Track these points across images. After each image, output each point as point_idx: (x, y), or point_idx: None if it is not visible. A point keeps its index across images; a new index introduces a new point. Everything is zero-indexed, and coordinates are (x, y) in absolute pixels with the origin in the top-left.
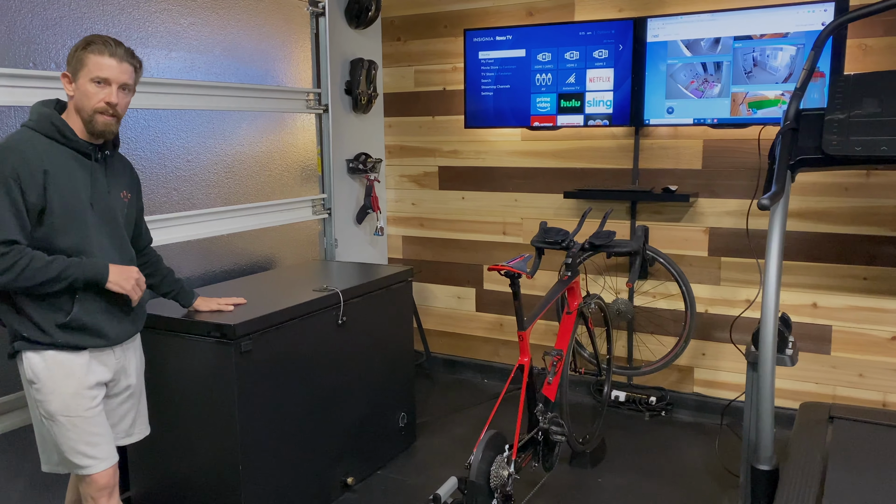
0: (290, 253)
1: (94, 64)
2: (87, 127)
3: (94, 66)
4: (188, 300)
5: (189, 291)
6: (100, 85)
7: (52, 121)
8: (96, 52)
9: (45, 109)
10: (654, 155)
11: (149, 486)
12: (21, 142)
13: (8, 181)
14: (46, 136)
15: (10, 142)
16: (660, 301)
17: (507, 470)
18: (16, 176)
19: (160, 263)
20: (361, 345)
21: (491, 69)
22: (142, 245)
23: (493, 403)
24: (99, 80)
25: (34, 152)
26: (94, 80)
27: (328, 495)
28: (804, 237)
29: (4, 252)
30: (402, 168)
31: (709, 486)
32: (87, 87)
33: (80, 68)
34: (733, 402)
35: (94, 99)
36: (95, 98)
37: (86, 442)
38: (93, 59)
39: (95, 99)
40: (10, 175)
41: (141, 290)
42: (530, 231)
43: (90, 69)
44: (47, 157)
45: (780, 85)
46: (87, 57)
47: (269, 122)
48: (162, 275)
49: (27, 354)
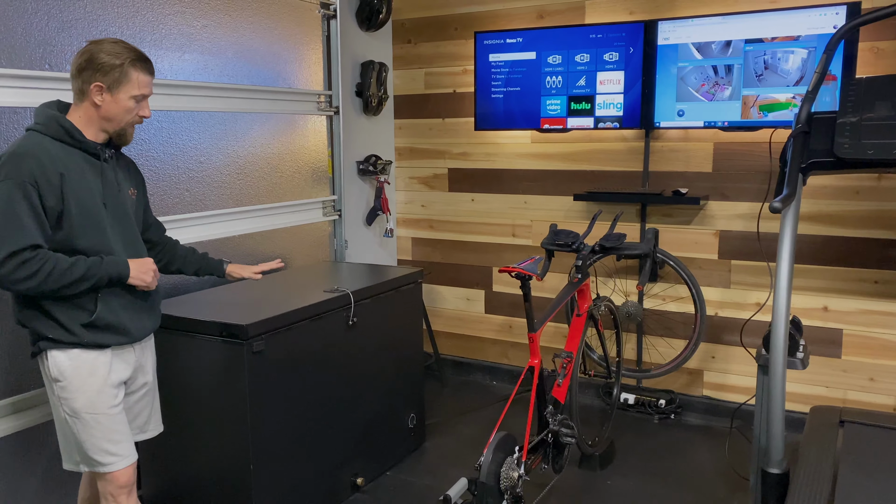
0: (300, 254)
1: (141, 82)
2: (117, 139)
3: (139, 84)
4: (220, 269)
5: (217, 261)
6: (139, 101)
7: (61, 123)
8: (141, 69)
9: (50, 111)
10: (665, 158)
11: (160, 484)
12: (35, 146)
13: (27, 186)
14: (55, 139)
15: (24, 147)
16: (669, 304)
17: (517, 471)
18: (34, 181)
19: (178, 246)
20: (371, 346)
21: (501, 71)
22: (156, 236)
23: (501, 405)
24: (140, 97)
25: (48, 156)
26: (136, 96)
27: (338, 495)
28: (815, 240)
29: (29, 257)
30: (412, 170)
31: (718, 490)
32: (128, 103)
33: (123, 83)
34: (743, 406)
35: (132, 113)
36: (133, 112)
37: (108, 439)
38: (140, 77)
39: (133, 113)
40: (28, 180)
41: (157, 279)
42: (539, 233)
43: (134, 86)
44: (60, 161)
45: (791, 88)
46: (135, 74)
47: (280, 123)
48: (184, 256)
49: (52, 353)
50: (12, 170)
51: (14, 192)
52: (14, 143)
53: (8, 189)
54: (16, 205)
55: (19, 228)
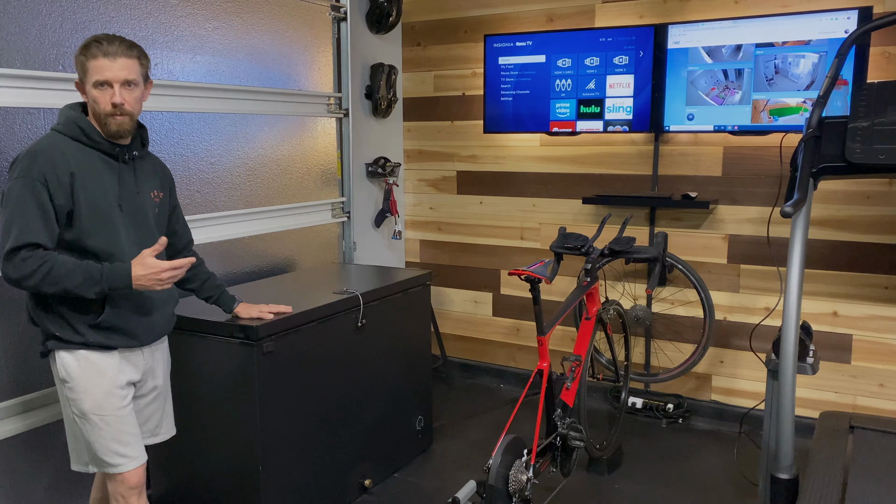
0: (309, 255)
1: (93, 68)
2: (104, 130)
3: (93, 71)
4: (229, 306)
5: (230, 297)
6: (103, 88)
7: (79, 124)
8: (91, 55)
9: (72, 113)
10: (674, 161)
11: (169, 485)
12: (48, 146)
13: (35, 184)
14: (73, 139)
15: (38, 146)
16: (678, 308)
17: (525, 474)
18: (43, 179)
19: (201, 266)
20: (380, 348)
21: (511, 74)
22: (180, 245)
23: (508, 408)
24: (101, 83)
25: (61, 156)
26: (96, 84)
27: (346, 497)
28: (825, 245)
29: (27, 256)
30: (421, 172)
31: (727, 494)
32: (93, 93)
33: (83, 75)
34: (752, 411)
35: (101, 103)
36: (102, 101)
37: (117, 441)
38: (90, 63)
39: (102, 102)
40: (37, 178)
41: (173, 276)
42: (548, 236)
43: (90, 74)
44: (74, 160)
45: (802, 92)
46: (86, 62)
47: (290, 125)
48: (202, 279)
49: (60, 354)
50: (25, 168)
51: (24, 190)
52: (33, 143)
53: (19, 187)
54: (24, 202)
55: (24, 225)
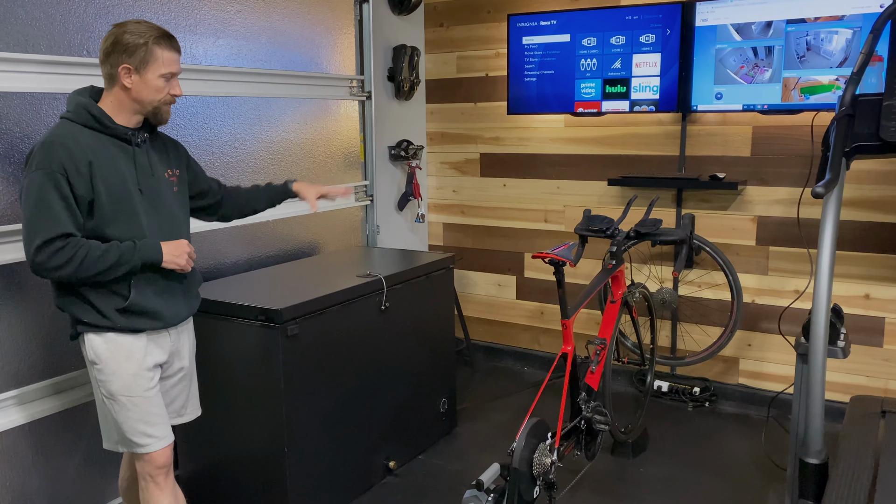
0: (332, 239)
1: (166, 59)
2: (153, 118)
3: (165, 62)
4: (289, 191)
5: (281, 186)
6: (168, 79)
7: (90, 110)
8: (165, 46)
9: (81, 99)
10: (702, 142)
11: (197, 466)
12: (64, 136)
13: (56, 176)
14: (86, 127)
15: (53, 136)
16: (705, 291)
17: (549, 458)
18: (63, 170)
19: (239, 190)
20: (403, 331)
21: (535, 54)
22: (218, 194)
23: (532, 391)
24: (170, 75)
25: (77, 145)
26: (164, 75)
27: (371, 478)
28: (857, 226)
29: (62, 246)
30: (444, 155)
31: (754, 479)
32: (157, 82)
33: (149, 62)
34: (780, 395)
35: (162, 93)
36: (163, 92)
37: (145, 421)
38: (164, 54)
39: (164, 93)
40: (57, 170)
41: (192, 260)
42: (572, 219)
43: (161, 64)
44: (90, 149)
45: (834, 69)
46: (159, 52)
47: (313, 108)
48: (249, 195)
49: (89, 336)
50: (43, 160)
51: (45, 183)
52: (46, 133)
53: (39, 179)
54: (47, 195)
55: (51, 218)
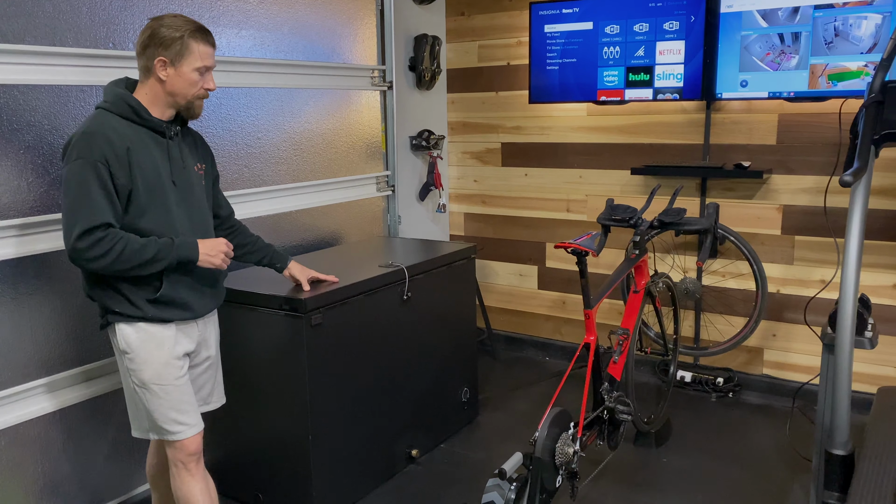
0: (354, 229)
1: (202, 53)
2: (186, 112)
3: (201, 56)
4: (283, 262)
5: (281, 254)
6: (203, 73)
7: (128, 101)
8: (201, 40)
9: (118, 90)
10: (726, 130)
11: (221, 454)
12: (103, 125)
13: (97, 165)
14: (122, 117)
15: (93, 126)
16: (729, 280)
17: (572, 447)
18: (104, 160)
19: (246, 231)
20: (425, 320)
21: (557, 43)
22: (224, 214)
23: (554, 381)
24: (205, 69)
25: (116, 134)
26: (199, 69)
27: (393, 466)
28: (886, 215)
29: (102, 236)
30: (465, 145)
31: (779, 470)
32: (192, 76)
33: (185, 55)
34: (805, 385)
35: (197, 86)
36: (198, 85)
37: (176, 409)
38: (201, 48)
39: (198, 86)
40: (98, 159)
41: (229, 258)
42: (595, 208)
43: (197, 58)
44: (128, 139)
45: (863, 56)
46: (195, 46)
47: (335, 99)
48: (251, 242)
49: (120, 326)
50: (84, 149)
51: (87, 172)
52: (84, 123)
53: (81, 168)
54: (88, 183)
55: (92, 207)
